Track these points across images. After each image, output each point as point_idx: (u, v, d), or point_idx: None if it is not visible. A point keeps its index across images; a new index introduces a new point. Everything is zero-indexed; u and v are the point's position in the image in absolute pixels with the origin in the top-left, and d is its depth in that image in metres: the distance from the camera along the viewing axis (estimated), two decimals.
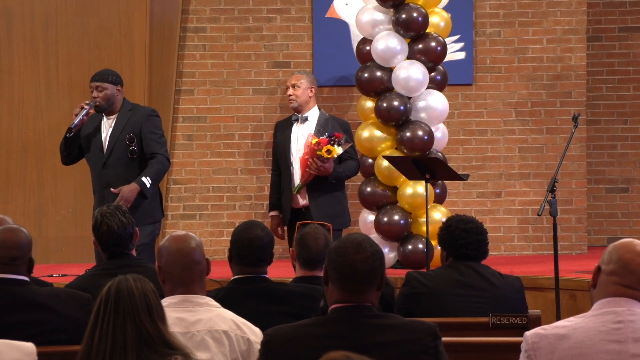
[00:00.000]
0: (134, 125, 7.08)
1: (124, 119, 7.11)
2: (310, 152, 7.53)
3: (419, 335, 3.36)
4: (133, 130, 7.06)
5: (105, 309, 3.14)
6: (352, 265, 3.35)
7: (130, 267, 4.70)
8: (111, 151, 7.08)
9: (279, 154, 7.93)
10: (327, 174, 7.59)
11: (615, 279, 3.25)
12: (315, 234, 4.89)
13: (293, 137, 7.84)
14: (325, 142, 7.49)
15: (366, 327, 3.33)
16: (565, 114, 9.13)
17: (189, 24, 9.29)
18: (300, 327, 3.40)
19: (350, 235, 3.45)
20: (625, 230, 9.59)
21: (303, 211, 7.74)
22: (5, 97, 8.97)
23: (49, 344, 4.10)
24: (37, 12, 8.95)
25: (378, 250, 3.42)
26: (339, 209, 7.78)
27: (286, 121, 8.04)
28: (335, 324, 3.34)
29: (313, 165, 7.52)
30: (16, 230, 4.44)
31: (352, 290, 3.36)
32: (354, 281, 3.36)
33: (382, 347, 3.31)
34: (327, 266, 3.41)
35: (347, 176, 7.85)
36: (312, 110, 7.89)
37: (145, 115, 7.14)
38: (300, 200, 7.76)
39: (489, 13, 9.28)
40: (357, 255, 3.36)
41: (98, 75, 7.16)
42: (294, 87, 7.89)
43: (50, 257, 8.85)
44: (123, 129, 7.08)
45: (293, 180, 7.78)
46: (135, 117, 7.12)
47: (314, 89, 7.91)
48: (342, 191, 7.84)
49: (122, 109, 7.14)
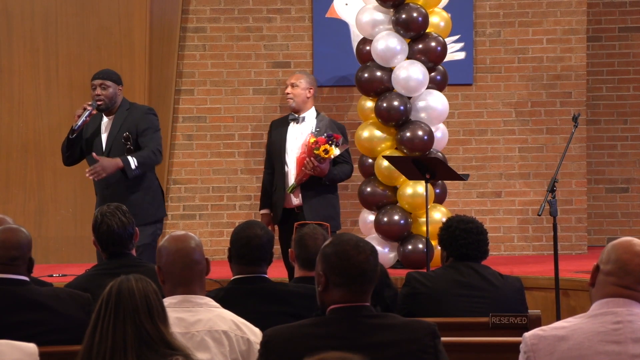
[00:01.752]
0: (131, 124, 7.06)
1: (121, 118, 7.09)
2: (308, 150, 7.51)
3: (418, 335, 3.36)
4: (129, 129, 7.03)
5: (105, 309, 3.15)
6: (359, 267, 3.34)
7: (130, 267, 4.69)
8: (109, 150, 7.06)
9: (273, 152, 7.88)
10: (322, 174, 7.56)
11: (613, 280, 3.25)
12: (313, 234, 4.90)
13: (289, 136, 7.81)
14: (323, 142, 7.48)
15: (365, 327, 3.33)
16: (565, 114, 9.14)
17: (189, 24, 9.29)
18: (299, 327, 3.39)
19: (343, 237, 3.43)
20: (625, 230, 9.58)
21: (295, 211, 7.68)
22: (5, 97, 8.98)
23: (48, 344, 4.10)
24: (37, 12, 8.95)
25: (373, 248, 3.43)
26: (333, 212, 7.73)
27: (282, 120, 8.00)
28: (334, 324, 3.34)
29: (309, 165, 7.50)
30: (16, 230, 4.44)
31: (359, 291, 3.36)
32: (361, 282, 3.35)
33: (381, 347, 3.31)
34: (325, 271, 3.37)
35: (340, 179, 7.80)
36: (309, 111, 7.86)
37: (141, 113, 7.13)
38: (293, 200, 7.70)
39: (489, 13, 9.28)
40: (360, 256, 3.36)
41: (101, 73, 7.16)
42: (293, 86, 7.87)
43: (50, 257, 8.85)
44: (120, 128, 7.06)
45: (287, 180, 7.75)
46: (132, 116, 7.10)
47: (312, 90, 7.88)
48: (335, 194, 7.79)
49: (119, 109, 7.12)
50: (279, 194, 7.75)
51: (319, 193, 7.65)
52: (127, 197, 6.89)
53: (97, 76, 7.12)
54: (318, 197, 7.65)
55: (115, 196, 6.78)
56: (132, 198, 6.94)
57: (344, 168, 7.70)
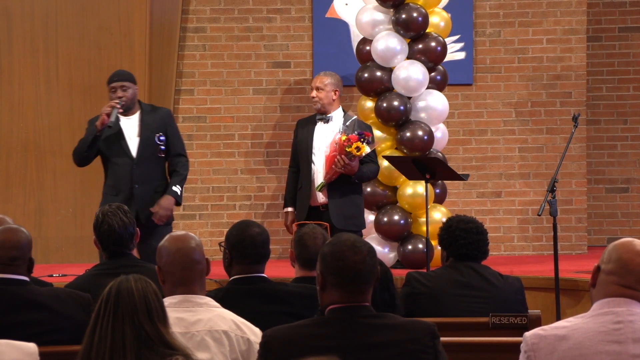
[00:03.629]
0: (160, 125, 7.25)
1: (150, 119, 7.25)
2: (339, 148, 7.49)
3: (418, 335, 3.36)
4: (161, 130, 7.23)
5: (105, 309, 3.14)
6: (354, 267, 3.34)
7: (130, 267, 4.70)
8: (143, 149, 7.18)
9: (300, 150, 7.85)
10: (352, 173, 7.56)
11: (614, 279, 3.25)
12: (313, 234, 4.90)
13: (316, 135, 7.80)
14: (355, 139, 7.46)
15: (365, 327, 3.33)
16: (565, 114, 9.14)
17: (189, 24, 9.29)
18: (298, 327, 3.39)
19: (340, 237, 3.43)
20: (625, 230, 9.59)
21: (321, 210, 7.71)
22: (5, 97, 8.97)
23: (48, 344, 4.10)
24: (37, 12, 8.95)
25: (371, 248, 3.43)
26: (357, 211, 7.76)
27: (309, 119, 7.97)
28: (334, 324, 3.33)
29: (340, 163, 7.49)
30: (16, 230, 4.44)
31: (356, 291, 3.35)
32: (358, 282, 3.35)
33: (380, 347, 3.31)
34: (323, 271, 3.38)
35: (368, 178, 7.83)
36: (336, 111, 7.84)
37: (166, 115, 7.37)
38: (319, 198, 7.71)
39: (489, 13, 9.28)
40: (356, 256, 3.35)
41: (119, 75, 7.26)
42: (318, 90, 7.82)
43: (50, 257, 8.85)
44: (152, 128, 7.21)
45: (314, 178, 7.74)
46: (159, 118, 7.29)
47: (338, 92, 7.83)
48: (360, 194, 7.82)
49: (142, 109, 7.27)
50: (305, 192, 7.75)
51: (344, 192, 7.68)
52: (155, 198, 7.18)
53: (115, 78, 7.20)
54: (344, 196, 7.68)
55: (142, 194, 7.10)
56: (158, 198, 7.20)
57: (371, 167, 7.72)
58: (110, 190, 7.22)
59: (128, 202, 6.81)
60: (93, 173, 8.90)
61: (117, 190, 7.19)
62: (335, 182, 7.64)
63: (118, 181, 7.19)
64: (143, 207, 7.11)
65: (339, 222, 7.47)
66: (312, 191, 7.72)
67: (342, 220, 7.56)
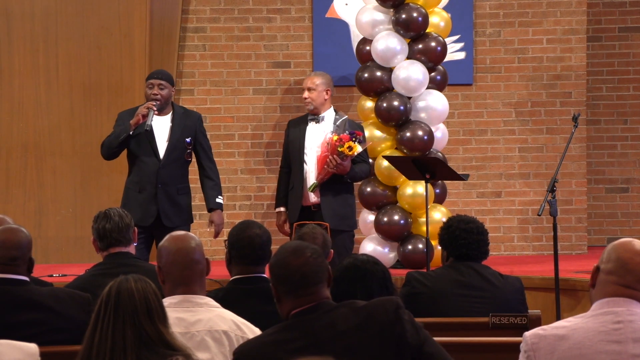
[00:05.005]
0: (190, 129, 7.35)
1: (182, 122, 7.34)
2: (332, 148, 7.51)
3: (380, 313, 3.36)
4: (190, 134, 7.34)
5: (105, 310, 3.14)
6: (298, 271, 3.37)
7: (130, 267, 4.71)
8: (171, 151, 7.28)
9: (291, 150, 7.88)
10: (344, 172, 7.59)
11: (613, 279, 3.25)
12: (313, 234, 4.90)
13: (308, 136, 7.83)
14: (347, 139, 7.49)
15: (327, 320, 3.34)
16: (565, 114, 9.14)
17: (189, 24, 9.29)
18: (265, 337, 3.42)
19: (284, 246, 3.47)
20: (625, 230, 9.59)
21: (312, 210, 7.73)
22: (5, 97, 8.97)
23: (48, 344, 4.10)
24: (37, 12, 8.95)
25: (316, 249, 3.45)
26: (349, 211, 7.79)
27: (300, 119, 8.00)
28: (297, 326, 3.35)
29: (332, 163, 7.51)
30: (16, 230, 4.45)
31: (307, 294, 3.37)
32: (306, 285, 3.37)
33: (347, 333, 3.32)
34: (273, 283, 3.42)
35: (360, 177, 7.87)
36: (328, 111, 7.87)
37: (197, 119, 7.45)
38: (311, 198, 7.73)
39: (489, 13, 9.28)
40: (299, 260, 3.38)
41: (159, 73, 7.35)
42: (310, 90, 7.84)
43: (50, 257, 8.85)
44: (182, 132, 7.31)
45: (306, 178, 7.76)
46: (190, 121, 7.38)
47: (329, 91, 7.87)
48: (351, 193, 7.85)
49: (175, 111, 7.36)
50: (297, 193, 7.77)
51: (337, 192, 7.71)
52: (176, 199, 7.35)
53: (155, 76, 7.29)
54: (336, 196, 7.70)
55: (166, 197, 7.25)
56: (180, 199, 7.36)
57: (363, 167, 7.76)
58: (134, 186, 7.32)
59: (151, 200, 7.13)
60: (93, 173, 8.92)
61: (140, 187, 7.28)
62: (328, 182, 7.66)
63: (143, 179, 7.30)
64: (165, 206, 7.24)
65: (332, 222, 7.48)
66: (304, 191, 7.74)
67: (336, 220, 7.56)
